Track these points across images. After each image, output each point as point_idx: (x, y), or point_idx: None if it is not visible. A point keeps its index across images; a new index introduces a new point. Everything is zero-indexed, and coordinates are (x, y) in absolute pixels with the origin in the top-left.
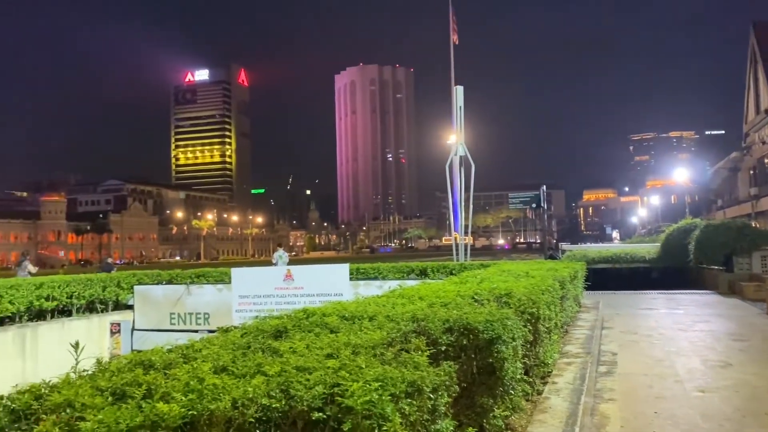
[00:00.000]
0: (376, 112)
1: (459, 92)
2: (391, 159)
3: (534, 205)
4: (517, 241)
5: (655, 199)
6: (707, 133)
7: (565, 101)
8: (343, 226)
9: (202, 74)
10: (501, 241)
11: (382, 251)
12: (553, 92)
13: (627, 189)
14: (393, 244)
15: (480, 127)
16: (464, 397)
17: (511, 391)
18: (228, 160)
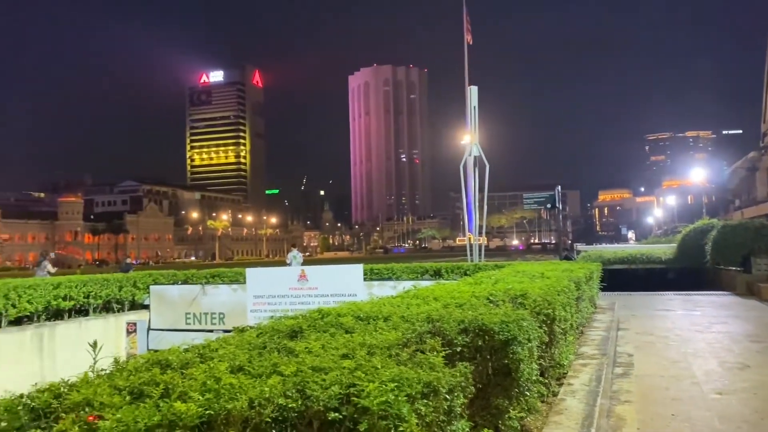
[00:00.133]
0: (389, 112)
1: (473, 92)
2: (404, 159)
3: (549, 205)
4: (532, 241)
5: (671, 200)
6: (724, 132)
7: (581, 101)
8: (356, 227)
9: (216, 75)
10: (515, 242)
11: (395, 252)
12: (567, 92)
13: (643, 189)
14: (407, 245)
15: (494, 127)
16: (480, 398)
17: (526, 392)
18: (243, 160)
